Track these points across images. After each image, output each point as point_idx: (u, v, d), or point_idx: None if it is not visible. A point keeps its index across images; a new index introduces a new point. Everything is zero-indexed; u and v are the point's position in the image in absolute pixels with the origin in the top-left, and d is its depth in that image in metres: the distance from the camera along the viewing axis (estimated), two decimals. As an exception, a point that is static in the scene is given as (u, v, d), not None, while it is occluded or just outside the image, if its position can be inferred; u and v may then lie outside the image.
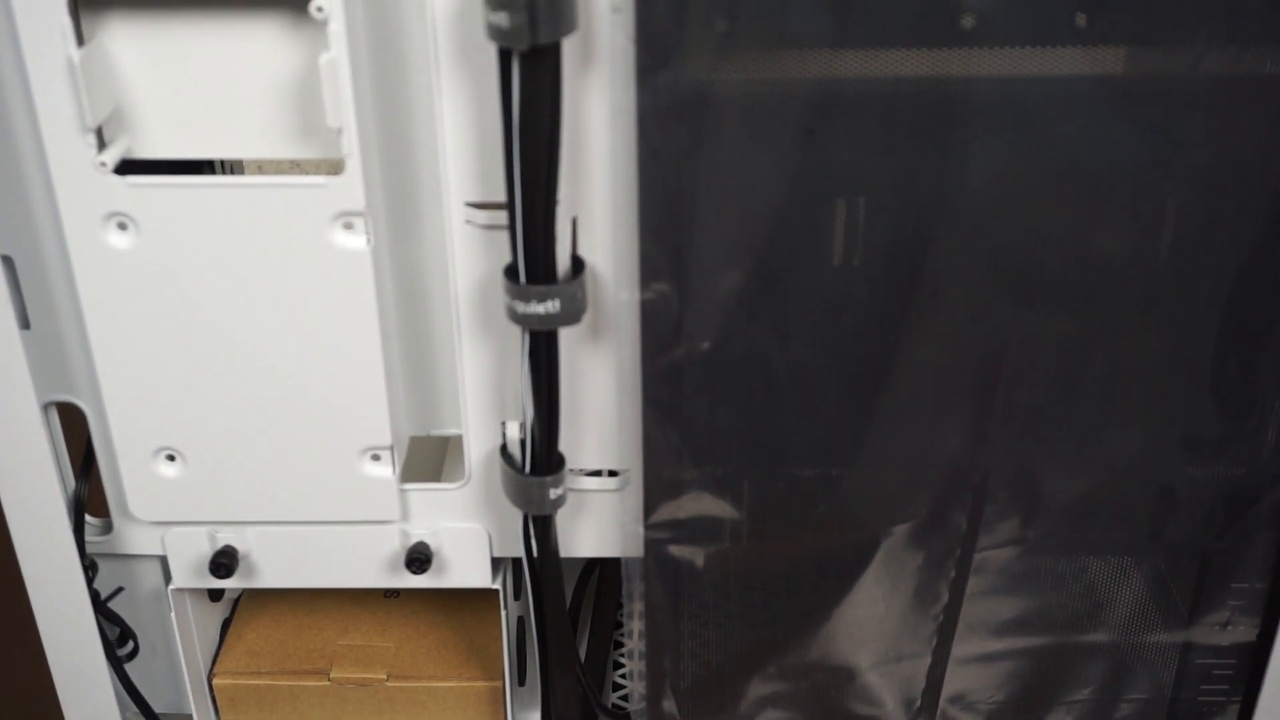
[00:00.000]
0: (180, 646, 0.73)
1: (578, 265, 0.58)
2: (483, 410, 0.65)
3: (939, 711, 0.73)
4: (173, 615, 0.71)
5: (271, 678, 0.76)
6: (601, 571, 0.87)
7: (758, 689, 0.72)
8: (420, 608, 0.80)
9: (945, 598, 0.69)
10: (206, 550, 0.68)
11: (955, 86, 0.54)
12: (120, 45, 0.56)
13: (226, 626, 0.79)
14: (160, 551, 0.69)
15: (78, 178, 0.57)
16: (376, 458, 0.65)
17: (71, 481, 0.68)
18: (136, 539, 0.70)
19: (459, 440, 0.66)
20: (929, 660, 0.71)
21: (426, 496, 0.67)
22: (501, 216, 0.56)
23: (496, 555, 0.69)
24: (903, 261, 0.58)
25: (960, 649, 0.70)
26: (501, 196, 0.55)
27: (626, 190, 0.57)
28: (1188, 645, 0.70)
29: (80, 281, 0.60)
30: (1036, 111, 0.55)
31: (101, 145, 0.57)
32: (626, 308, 0.60)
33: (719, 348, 0.60)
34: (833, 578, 0.68)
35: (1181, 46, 0.54)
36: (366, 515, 0.67)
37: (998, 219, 0.57)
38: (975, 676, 0.72)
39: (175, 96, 0.57)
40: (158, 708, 0.76)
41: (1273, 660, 0.69)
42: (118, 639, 0.73)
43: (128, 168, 0.57)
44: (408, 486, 0.67)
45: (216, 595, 0.78)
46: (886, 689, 0.72)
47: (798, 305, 0.59)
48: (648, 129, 0.55)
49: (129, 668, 0.73)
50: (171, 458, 0.65)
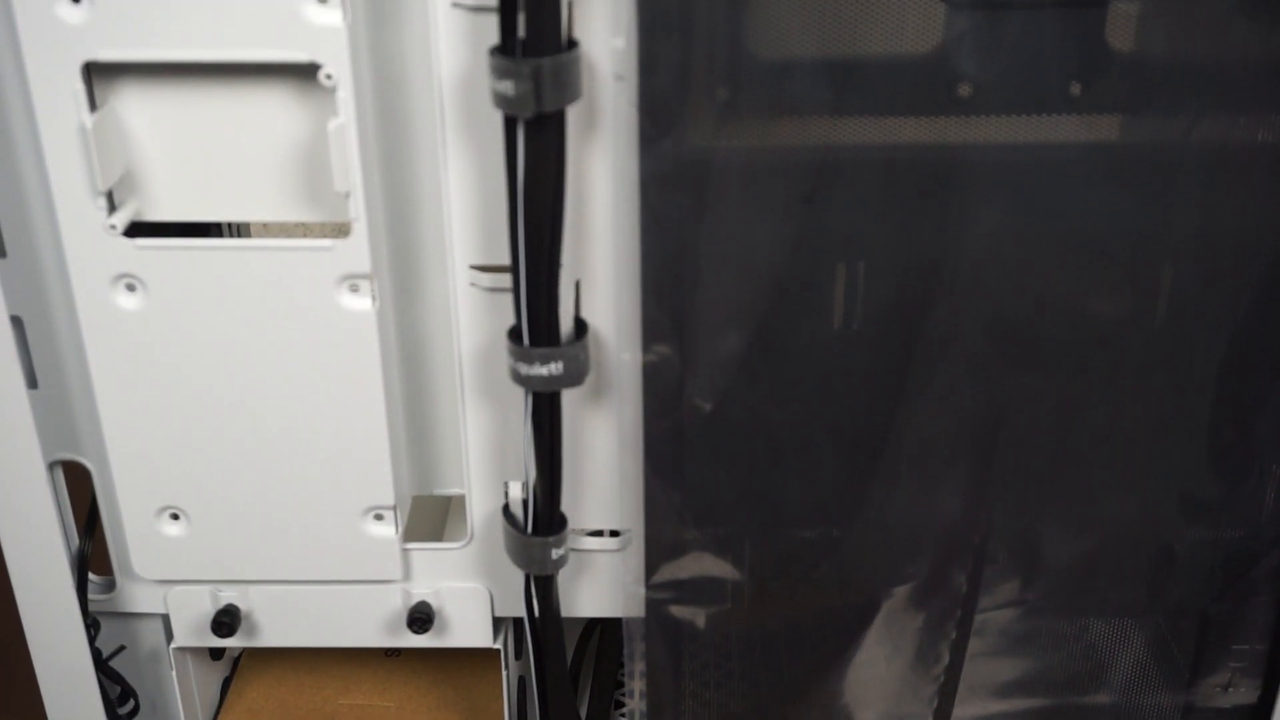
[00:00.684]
0: (181, 706, 0.73)
1: (581, 327, 0.59)
2: (485, 470, 0.65)
3: (940, 773, 0.73)
4: (174, 674, 0.71)
5: (272, 737, 0.76)
6: (602, 631, 0.86)
7: (759, 750, 0.72)
8: (421, 667, 0.80)
9: (946, 659, 0.69)
10: (208, 609, 0.69)
11: (953, 153, 0.55)
12: (132, 111, 0.57)
13: (227, 685, 0.79)
14: (162, 610, 0.69)
15: (88, 240, 0.58)
16: (379, 517, 0.65)
17: (75, 539, 0.68)
18: (139, 597, 0.70)
19: (461, 500, 0.67)
20: (930, 722, 0.71)
21: (428, 556, 0.68)
22: (505, 279, 0.57)
23: (498, 615, 0.69)
24: (902, 325, 0.59)
25: (962, 710, 0.70)
26: (505, 259, 0.56)
27: (629, 254, 0.57)
28: (1189, 707, 0.70)
29: (88, 342, 0.60)
30: (1033, 178, 0.56)
31: (112, 208, 0.58)
32: (628, 369, 0.60)
33: (720, 409, 0.60)
34: (834, 639, 0.68)
35: (1174, 115, 0.55)
36: (369, 575, 0.67)
37: (995, 283, 0.58)
38: (977, 738, 0.72)
39: (185, 160, 0.58)
40: (158, 767, 0.76)
41: (1274, 723, 0.69)
42: (119, 698, 0.73)
43: (136, 230, 0.58)
44: (410, 546, 0.67)
45: (218, 654, 0.78)
46: (888, 751, 0.72)
47: (798, 368, 0.60)
48: (650, 194, 0.56)
49: (129, 727, 0.74)
50: (175, 516, 0.65)
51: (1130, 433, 0.62)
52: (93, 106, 0.55)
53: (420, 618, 0.68)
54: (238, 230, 0.74)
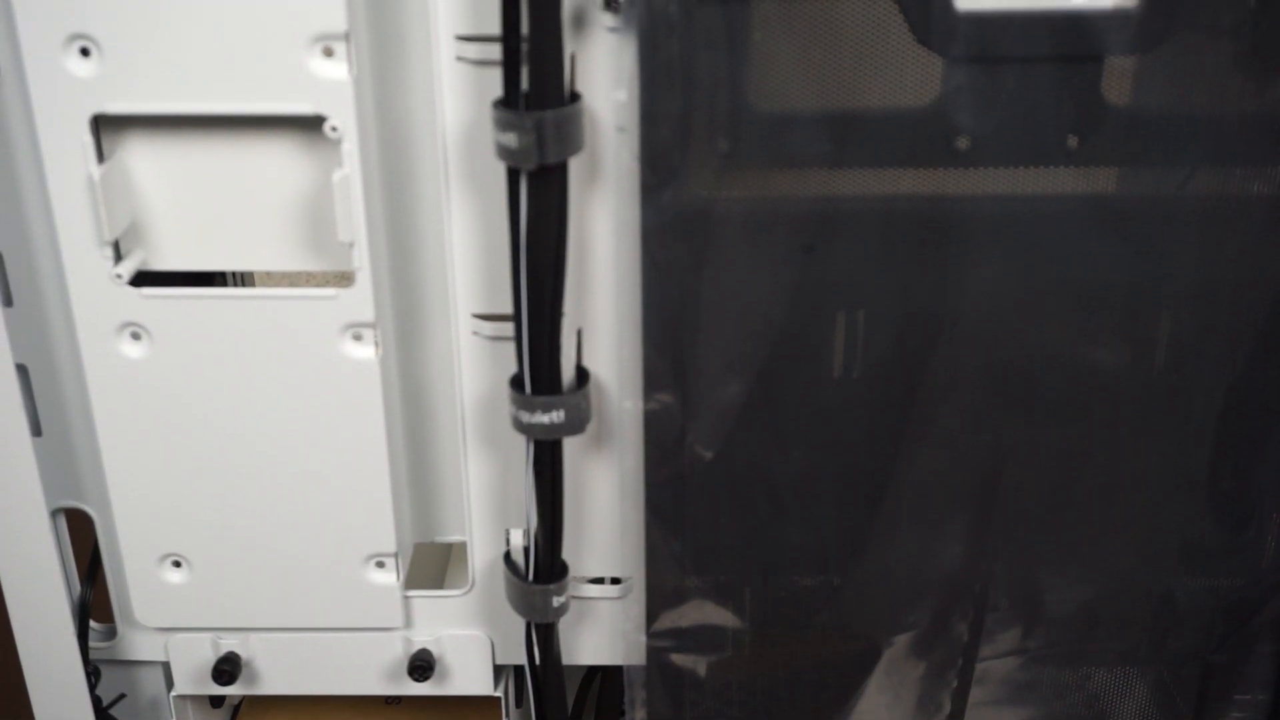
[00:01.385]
0: (181, 753, 0.73)
1: (582, 376, 0.59)
2: (487, 517, 0.65)
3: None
4: (174, 722, 0.71)
5: (271, 785, 0.76)
6: (603, 679, 0.86)
7: (760, 800, 0.71)
8: (422, 715, 0.80)
9: (948, 708, 0.68)
10: (209, 656, 0.69)
11: (951, 205, 0.56)
12: (139, 162, 0.58)
13: (227, 733, 0.79)
14: (163, 658, 0.69)
15: (94, 289, 0.58)
16: (381, 565, 0.65)
17: (77, 587, 0.68)
18: (140, 645, 0.70)
19: (463, 547, 0.67)
20: (932, 771, 0.71)
21: (430, 604, 0.68)
22: (507, 328, 0.58)
23: (499, 663, 0.69)
24: (902, 374, 0.59)
25: (963, 759, 0.70)
26: (508, 308, 0.56)
27: (630, 303, 0.58)
28: (1192, 757, 0.70)
29: (93, 390, 0.61)
30: (1030, 229, 0.56)
31: (118, 257, 0.58)
32: (630, 417, 0.60)
33: (721, 457, 0.61)
34: (835, 687, 0.68)
35: (1171, 167, 0.55)
36: (370, 622, 0.67)
37: (994, 333, 0.58)
38: (979, 788, 0.71)
39: (191, 210, 0.59)
40: (157, 816, 0.76)
41: (1277, 773, 0.69)
42: (118, 746, 0.73)
43: (142, 279, 0.59)
44: (411, 593, 0.67)
45: (218, 702, 0.78)
46: (889, 800, 0.71)
47: (798, 416, 0.60)
48: (651, 244, 0.56)
49: (129, 775, 0.73)
50: (177, 564, 0.65)
51: (1130, 481, 0.62)
52: (100, 158, 0.56)
53: (421, 665, 0.68)
54: (241, 279, 0.74)
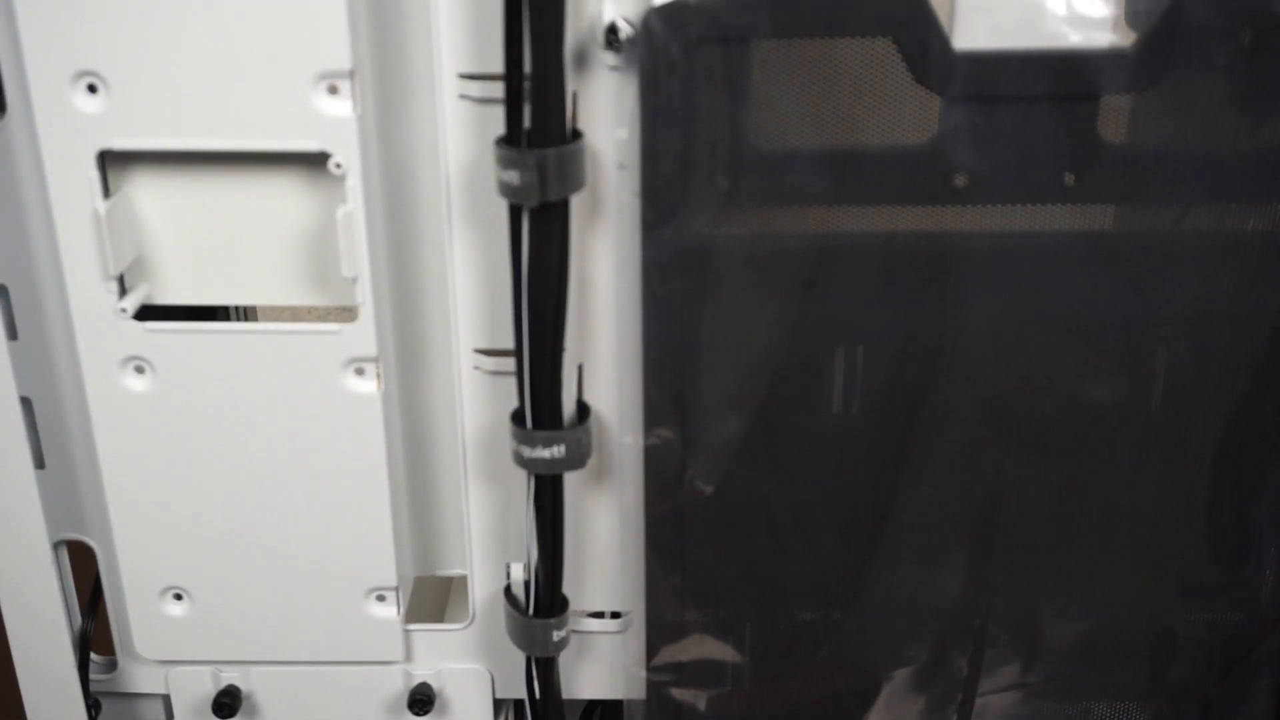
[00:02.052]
0: (180, 787, 0.72)
1: (583, 411, 0.60)
2: (487, 551, 0.65)
3: None
4: (173, 755, 0.71)
5: (270, 819, 0.76)
6: (603, 713, 0.86)
7: (760, 835, 0.71)
8: (421, 748, 0.80)
9: (948, 742, 0.69)
10: (210, 690, 0.69)
11: (949, 241, 0.56)
12: (144, 197, 0.58)
13: (226, 766, 0.79)
14: (163, 690, 0.69)
15: (98, 323, 0.59)
16: (381, 598, 0.65)
17: (78, 619, 0.68)
18: (140, 678, 0.70)
19: (463, 581, 0.67)
20: (932, 806, 0.71)
21: (430, 637, 0.68)
22: (509, 363, 0.58)
23: (499, 696, 0.69)
24: (901, 409, 0.59)
25: (964, 794, 0.70)
26: (509, 343, 0.56)
27: (631, 338, 0.58)
28: (1192, 792, 0.70)
29: (96, 423, 0.61)
30: (1028, 265, 0.57)
31: (122, 292, 0.59)
32: (630, 452, 0.61)
33: (721, 492, 0.61)
34: (835, 722, 0.68)
35: (1167, 204, 0.56)
36: (370, 656, 0.67)
37: (993, 368, 0.58)
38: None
39: (196, 245, 0.59)
40: None
41: (1278, 808, 0.69)
42: (118, 779, 0.73)
43: (145, 313, 0.59)
44: (412, 627, 0.67)
45: (217, 734, 0.78)
46: (890, 835, 0.71)
47: (798, 451, 0.60)
48: (652, 280, 0.56)
49: (128, 809, 0.73)
50: (179, 596, 0.66)
51: (1128, 515, 0.62)
52: (106, 193, 0.57)
53: (421, 699, 0.68)
54: (244, 313, 0.75)
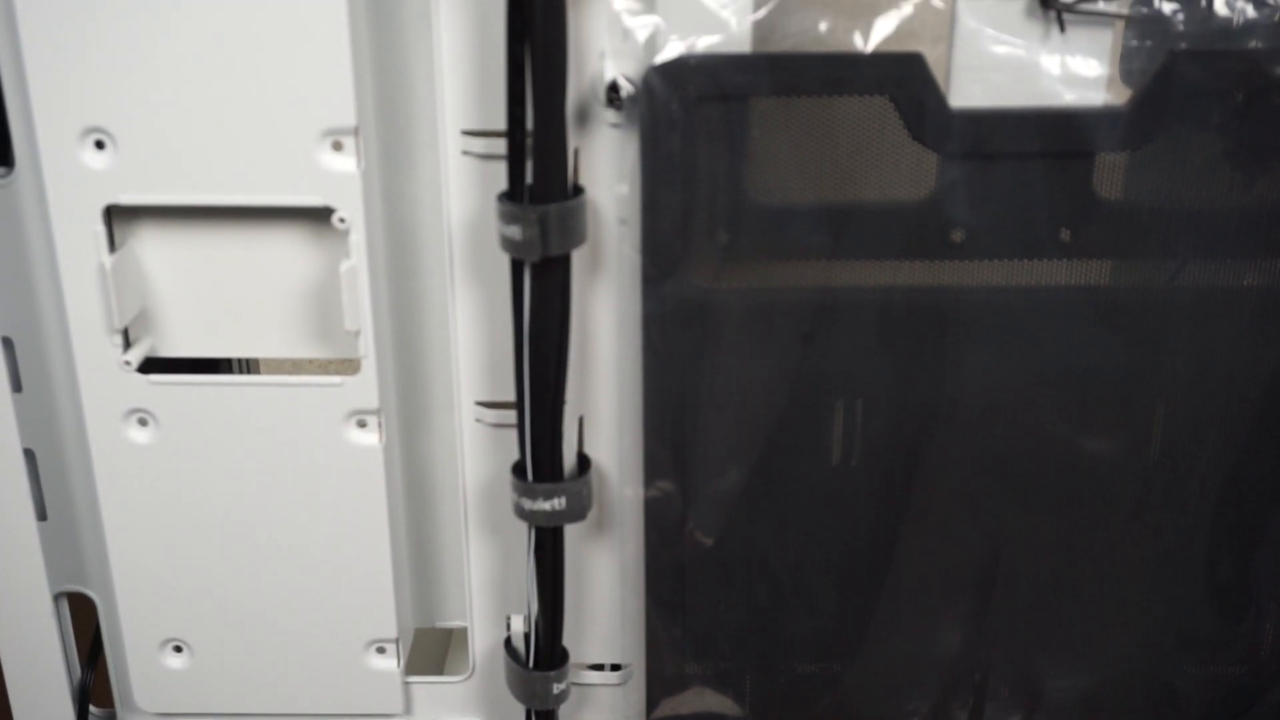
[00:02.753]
0: (177, 841, 0.72)
1: (584, 463, 0.60)
2: (488, 603, 0.65)
3: None
4: (171, 809, 0.71)
5: None
6: (603, 765, 0.86)
7: None
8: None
9: (949, 797, 0.68)
10: (209, 742, 0.69)
11: (947, 296, 0.57)
12: (149, 251, 0.59)
13: (224, 820, 0.78)
14: (162, 743, 0.69)
15: (102, 375, 0.59)
16: (381, 650, 0.65)
17: (78, 671, 0.68)
18: (139, 730, 0.70)
19: (463, 633, 0.67)
20: None
21: (430, 689, 0.68)
22: (510, 415, 0.58)
23: (498, 749, 0.69)
24: (900, 462, 0.60)
25: None
26: (510, 396, 0.57)
27: (631, 391, 0.59)
28: (1195, 847, 0.70)
29: (99, 475, 0.61)
30: (1025, 320, 0.57)
31: (127, 344, 0.59)
32: (630, 505, 0.61)
33: (721, 545, 0.61)
34: (835, 775, 0.68)
35: (1162, 259, 0.56)
36: (369, 708, 0.67)
37: (991, 422, 0.59)
38: None
39: (200, 298, 0.60)
40: None
41: None
42: (115, 832, 0.73)
43: (149, 365, 0.60)
44: (412, 679, 0.67)
45: (215, 787, 0.78)
46: None
47: (798, 504, 0.60)
48: (652, 333, 0.57)
49: None
50: (179, 649, 0.66)
51: (1128, 569, 0.63)
52: (112, 247, 0.57)
53: (420, 752, 0.68)
54: (246, 364, 0.75)
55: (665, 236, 0.55)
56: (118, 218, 0.57)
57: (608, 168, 0.56)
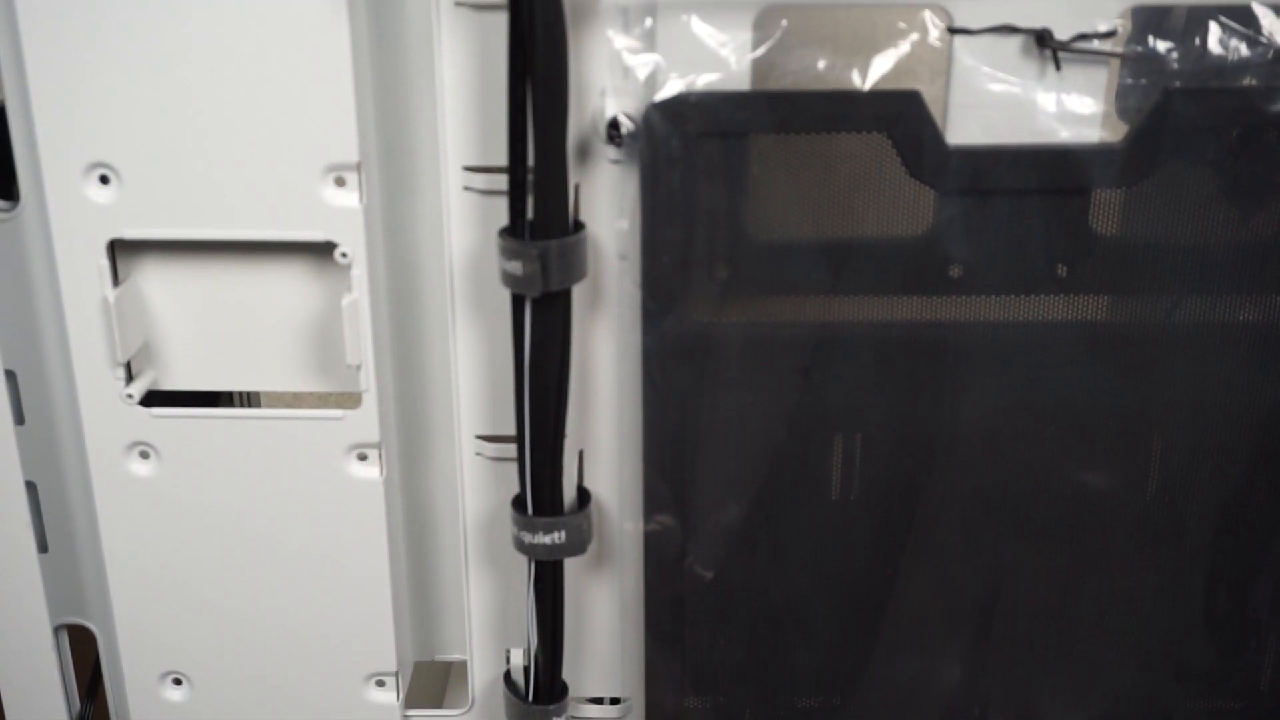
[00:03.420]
0: None
1: (583, 497, 0.60)
2: (487, 637, 0.65)
3: None
4: (169, 843, 0.71)
5: None
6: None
7: None
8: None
9: (948, 831, 0.68)
10: (207, 776, 0.68)
11: (945, 331, 0.57)
12: (152, 284, 0.59)
13: None
14: (160, 777, 0.69)
15: (105, 408, 0.59)
16: (381, 683, 0.65)
17: (77, 703, 0.68)
18: (137, 764, 0.70)
19: (463, 666, 0.67)
20: None
21: (429, 723, 0.68)
22: (510, 449, 0.58)
23: (498, 783, 0.69)
24: (899, 496, 0.60)
25: None
26: (511, 430, 0.57)
27: (631, 425, 0.59)
28: None
29: (100, 508, 0.61)
30: (1023, 354, 0.57)
31: (129, 378, 0.59)
32: (630, 538, 0.61)
33: (720, 578, 0.61)
34: (835, 810, 0.68)
35: (1158, 294, 0.57)
36: (369, 741, 0.67)
37: (990, 456, 0.59)
38: None
39: (202, 332, 0.60)
40: None
41: None
42: None
43: (151, 398, 0.60)
44: (411, 713, 0.67)
45: (214, 821, 0.77)
46: None
47: (797, 538, 0.61)
48: (652, 368, 0.57)
49: None
50: (178, 681, 0.66)
51: (1127, 602, 0.63)
52: (116, 281, 0.58)
53: (420, 786, 0.68)
54: (247, 397, 0.75)
55: (665, 271, 0.55)
56: (121, 251, 0.58)
57: (608, 203, 0.56)
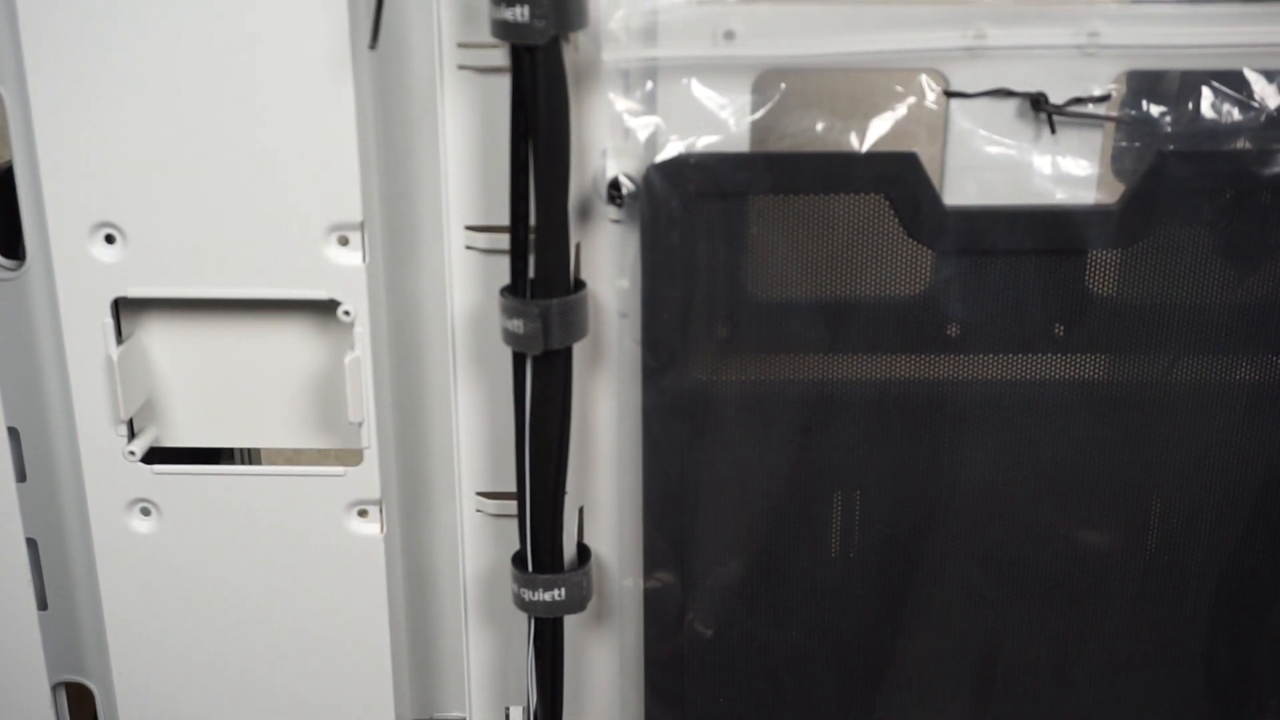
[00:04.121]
0: None
1: (584, 554, 0.60)
2: (487, 694, 0.65)
3: None
4: None
5: None
6: None
7: None
8: None
9: None
10: (204, 834, 0.68)
11: (943, 389, 0.57)
12: (156, 342, 0.59)
13: None
14: (157, 836, 0.69)
15: (106, 465, 0.60)
16: (379, 741, 0.65)
17: (74, 762, 0.68)
18: (134, 822, 0.69)
19: (462, 723, 0.67)
20: None
21: (427, 781, 0.67)
22: (510, 505, 0.59)
23: (496, 842, 0.69)
24: (898, 553, 0.60)
25: None
26: (511, 486, 0.57)
27: (632, 482, 0.59)
28: None
29: (101, 565, 0.62)
30: (1021, 413, 0.58)
31: (131, 435, 0.59)
32: (630, 595, 0.61)
33: (720, 636, 0.61)
34: None
35: (1155, 354, 0.57)
36: (366, 799, 0.67)
37: (988, 514, 0.59)
38: None
39: (205, 389, 0.60)
40: None
41: None
42: None
43: (152, 455, 0.60)
44: (409, 770, 0.67)
45: None
46: None
47: (797, 595, 0.61)
48: (652, 425, 0.57)
49: None
50: (176, 739, 0.65)
51: (1126, 661, 0.62)
52: (119, 339, 0.58)
53: (417, 845, 0.67)
54: (247, 453, 0.76)
55: (665, 330, 0.56)
56: (125, 309, 0.58)
57: (609, 262, 0.56)
